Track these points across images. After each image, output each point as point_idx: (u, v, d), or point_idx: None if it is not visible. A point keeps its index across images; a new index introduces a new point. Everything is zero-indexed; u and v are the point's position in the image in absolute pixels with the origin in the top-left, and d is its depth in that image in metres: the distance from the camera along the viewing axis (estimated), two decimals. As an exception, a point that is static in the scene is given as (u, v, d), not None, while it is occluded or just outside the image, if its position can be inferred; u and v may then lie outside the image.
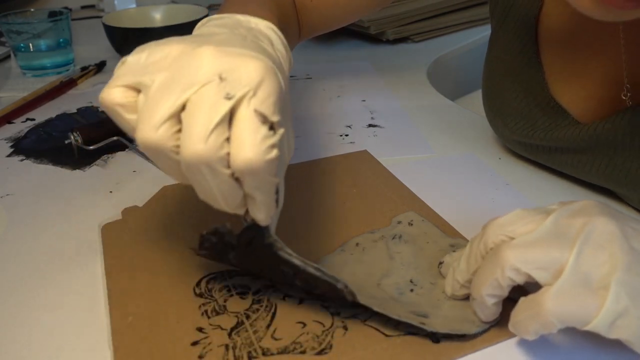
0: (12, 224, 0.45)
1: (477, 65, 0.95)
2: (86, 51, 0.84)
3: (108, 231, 0.43)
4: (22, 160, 0.55)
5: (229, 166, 0.27)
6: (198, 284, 0.37)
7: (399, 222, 0.43)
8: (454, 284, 0.35)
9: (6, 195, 0.49)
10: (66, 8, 0.83)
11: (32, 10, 0.78)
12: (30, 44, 0.75)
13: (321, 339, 0.32)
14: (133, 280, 0.37)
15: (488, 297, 0.31)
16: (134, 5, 1.00)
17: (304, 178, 0.50)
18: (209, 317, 0.34)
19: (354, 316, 0.34)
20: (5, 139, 0.59)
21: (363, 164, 0.52)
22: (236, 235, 0.32)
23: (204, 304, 0.35)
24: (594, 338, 0.32)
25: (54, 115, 0.64)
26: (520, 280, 0.30)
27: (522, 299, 0.30)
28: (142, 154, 0.54)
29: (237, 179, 0.28)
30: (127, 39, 0.75)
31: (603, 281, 0.28)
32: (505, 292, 0.31)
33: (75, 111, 0.65)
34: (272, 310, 0.35)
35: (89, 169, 0.53)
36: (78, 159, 0.54)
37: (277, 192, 0.30)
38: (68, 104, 0.67)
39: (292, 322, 0.34)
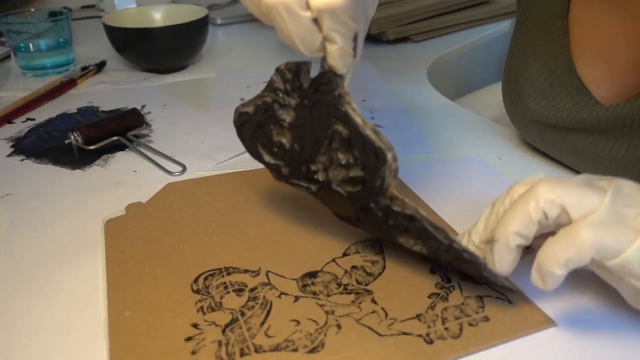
0: (12, 224, 0.45)
1: (477, 65, 0.95)
2: (86, 51, 0.84)
3: (111, 226, 0.43)
4: (22, 160, 0.55)
5: (308, 7, 0.29)
6: (196, 280, 0.37)
7: None
8: (468, 246, 0.34)
9: (6, 195, 0.49)
10: (66, 8, 0.83)
11: (32, 10, 0.78)
12: (31, 44, 0.75)
13: (314, 337, 0.32)
14: (132, 275, 0.38)
15: (514, 236, 0.31)
16: (134, 5, 1.00)
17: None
18: (204, 314, 0.34)
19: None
20: (5, 139, 0.59)
21: None
22: (311, 79, 0.33)
23: (200, 300, 0.35)
24: (591, 350, 0.32)
25: (54, 115, 0.64)
26: (553, 214, 0.30)
27: (552, 237, 0.30)
28: (142, 154, 0.54)
29: (315, 21, 0.29)
30: (127, 39, 0.75)
31: (637, 219, 0.29)
32: (532, 234, 0.31)
33: (76, 111, 0.65)
34: (267, 308, 0.35)
35: (89, 169, 0.53)
36: (78, 159, 0.54)
37: (355, 39, 0.31)
38: (68, 103, 0.67)
39: (286, 320, 0.34)
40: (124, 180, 0.51)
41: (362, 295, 0.36)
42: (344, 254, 0.40)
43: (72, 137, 0.54)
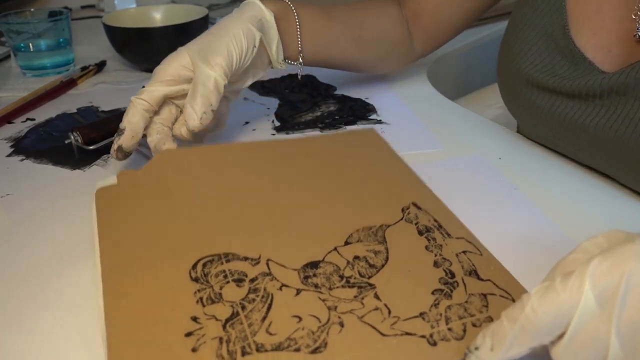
0: (12, 224, 0.45)
1: (477, 65, 0.95)
2: (86, 51, 0.84)
3: (102, 197, 0.41)
4: (22, 160, 0.55)
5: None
6: (194, 266, 0.36)
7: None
8: None
9: (6, 195, 0.49)
10: (66, 8, 0.83)
11: (32, 10, 0.78)
12: (30, 44, 0.75)
13: (316, 336, 0.32)
14: (127, 258, 0.36)
15: None
16: (134, 5, 1.00)
17: (303, 153, 0.49)
18: (204, 305, 0.33)
19: (352, 312, 0.34)
20: (5, 139, 0.59)
21: (369, 142, 0.51)
22: None
23: (199, 290, 0.34)
24: None
25: (54, 115, 0.64)
26: None
27: None
28: (142, 154, 0.54)
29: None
30: (127, 39, 0.75)
31: None
32: None
33: (75, 111, 0.65)
34: (268, 302, 0.34)
35: (89, 169, 0.53)
36: (78, 159, 0.54)
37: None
38: (68, 103, 0.67)
39: (287, 316, 0.33)
40: (124, 180, 0.51)
41: (364, 290, 0.35)
42: (346, 242, 0.39)
43: (72, 137, 0.54)
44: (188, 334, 0.32)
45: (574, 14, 0.49)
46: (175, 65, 0.48)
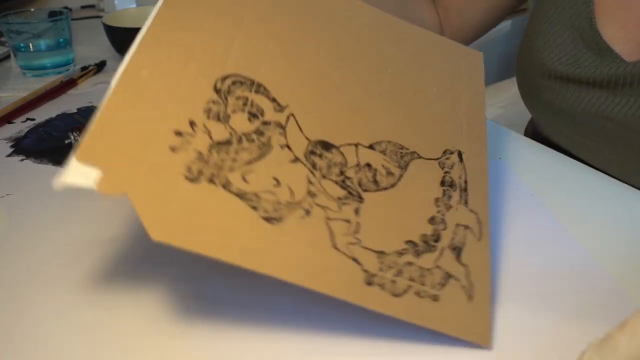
0: (12, 224, 0.45)
1: (477, 65, 0.95)
2: (86, 51, 0.84)
3: None
4: (22, 160, 0.55)
5: None
6: (224, 79, 0.34)
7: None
8: None
9: (6, 195, 0.49)
10: (66, 8, 0.83)
11: (32, 10, 0.78)
12: (30, 44, 0.75)
13: (278, 208, 0.30)
14: (170, 42, 0.34)
15: None
16: (134, 5, 1.00)
17: (396, 37, 0.44)
18: (208, 118, 0.31)
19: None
20: (5, 139, 0.59)
21: (468, 64, 0.46)
22: None
23: (213, 102, 0.32)
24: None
25: (54, 115, 0.64)
26: None
27: None
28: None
29: None
30: (127, 39, 0.75)
31: None
32: None
33: (76, 111, 0.65)
34: (263, 152, 0.32)
35: (89, 169, 0.53)
36: (78, 159, 0.54)
37: None
38: (68, 103, 0.67)
39: (269, 174, 0.31)
40: (124, 180, 0.50)
41: (352, 199, 0.33)
42: (371, 146, 0.36)
43: (72, 137, 0.54)
44: (178, 133, 0.30)
45: (601, 7, 0.49)
46: None
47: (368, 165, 0.35)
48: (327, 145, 0.34)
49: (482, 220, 0.37)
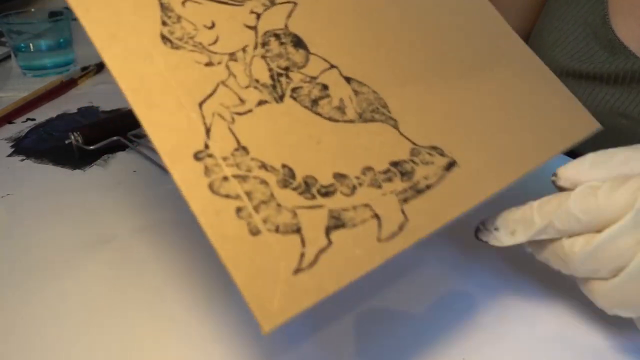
0: (12, 224, 0.45)
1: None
2: (87, 51, 0.84)
3: None
4: (22, 160, 0.55)
5: None
6: None
7: None
8: None
9: (6, 195, 0.49)
10: (67, 8, 0.83)
11: (32, 10, 0.78)
12: (31, 44, 0.75)
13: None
14: None
15: None
16: (134, 5, 1.00)
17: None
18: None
19: None
20: (5, 139, 0.59)
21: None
22: None
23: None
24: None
25: (54, 115, 0.64)
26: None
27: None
28: (143, 154, 0.54)
29: None
30: (127, 39, 0.75)
31: None
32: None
33: (76, 111, 0.65)
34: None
35: (89, 169, 0.53)
36: (78, 159, 0.54)
37: None
38: (68, 103, 0.67)
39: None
40: (124, 180, 0.50)
41: (270, 90, 0.28)
42: (348, 78, 0.30)
43: (72, 137, 0.54)
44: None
45: (615, 5, 0.49)
46: None
47: (324, 85, 0.29)
48: (298, 42, 0.30)
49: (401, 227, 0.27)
